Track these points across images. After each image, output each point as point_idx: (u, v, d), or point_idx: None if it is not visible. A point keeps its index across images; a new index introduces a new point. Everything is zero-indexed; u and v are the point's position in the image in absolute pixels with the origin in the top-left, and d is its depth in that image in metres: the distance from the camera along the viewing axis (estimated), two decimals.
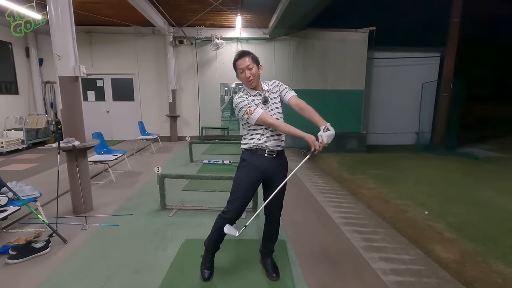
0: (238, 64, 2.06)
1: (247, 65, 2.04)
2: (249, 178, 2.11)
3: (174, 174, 3.58)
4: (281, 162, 2.20)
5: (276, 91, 2.17)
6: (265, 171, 2.12)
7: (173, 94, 9.01)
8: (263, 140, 2.09)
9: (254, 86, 2.09)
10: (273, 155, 2.12)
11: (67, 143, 3.16)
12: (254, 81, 2.07)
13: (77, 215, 3.40)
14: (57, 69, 3.20)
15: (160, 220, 3.38)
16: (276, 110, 2.14)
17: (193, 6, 6.87)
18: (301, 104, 2.10)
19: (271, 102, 2.13)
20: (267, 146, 2.09)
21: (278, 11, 7.00)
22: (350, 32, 9.24)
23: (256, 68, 2.07)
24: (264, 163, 2.11)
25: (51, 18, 3.13)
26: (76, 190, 3.34)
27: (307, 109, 2.09)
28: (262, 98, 2.10)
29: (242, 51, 2.12)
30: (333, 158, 8.78)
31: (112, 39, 8.80)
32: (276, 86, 2.19)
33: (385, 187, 5.88)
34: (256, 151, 2.12)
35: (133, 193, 4.34)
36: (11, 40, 7.96)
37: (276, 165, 2.15)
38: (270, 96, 2.14)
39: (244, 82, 2.10)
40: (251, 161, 2.13)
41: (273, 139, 2.11)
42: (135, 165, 5.99)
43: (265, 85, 2.18)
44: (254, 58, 2.08)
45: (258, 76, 2.09)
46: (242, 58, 2.06)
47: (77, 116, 3.38)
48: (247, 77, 2.04)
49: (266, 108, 2.10)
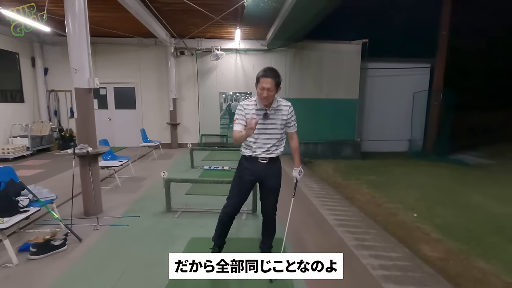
0: (262, 81, 2.25)
1: (268, 87, 2.23)
2: (244, 179, 2.45)
3: (179, 179, 3.84)
4: (273, 167, 2.46)
5: (285, 114, 2.38)
6: (258, 174, 2.44)
7: (174, 103, 9.30)
8: (254, 150, 2.40)
9: (265, 104, 2.31)
10: (265, 161, 2.42)
11: (81, 149, 3.42)
12: (267, 101, 2.28)
13: (89, 217, 3.64)
14: (73, 81, 3.48)
15: (166, 221, 3.62)
16: (271, 131, 2.36)
17: (194, 20, 7.22)
18: (293, 141, 2.55)
19: (271, 121, 2.35)
20: (258, 156, 2.41)
21: (275, 25, 7.37)
22: (344, 44, 9.65)
23: (275, 91, 2.28)
24: (257, 167, 2.42)
25: (68, 34, 3.43)
26: (88, 193, 3.58)
27: (294, 146, 2.55)
28: (264, 113, 2.34)
29: (271, 69, 2.30)
30: (329, 165, 9.08)
31: (115, 49, 9.12)
32: (289, 113, 2.41)
33: (378, 192, 6.17)
34: (252, 158, 2.44)
35: (139, 196, 4.58)
36: (18, 50, 8.24)
37: (268, 169, 2.43)
38: (275, 114, 2.36)
39: (259, 96, 2.30)
40: (246, 165, 2.46)
41: (262, 151, 2.39)
42: (138, 171, 6.23)
43: (278, 101, 2.38)
44: (278, 83, 2.27)
45: (273, 97, 2.30)
46: (267, 78, 2.23)
47: (90, 124, 3.65)
48: (264, 96, 2.24)
49: (261, 123, 2.31)
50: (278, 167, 2.52)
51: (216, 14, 6.41)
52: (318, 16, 6.69)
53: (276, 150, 2.44)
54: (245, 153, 2.46)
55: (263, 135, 2.38)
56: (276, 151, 2.44)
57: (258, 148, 2.40)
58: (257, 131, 2.33)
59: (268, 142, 2.39)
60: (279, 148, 2.45)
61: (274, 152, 2.43)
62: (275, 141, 2.40)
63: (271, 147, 2.40)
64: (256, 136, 2.38)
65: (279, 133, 2.41)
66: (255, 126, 2.10)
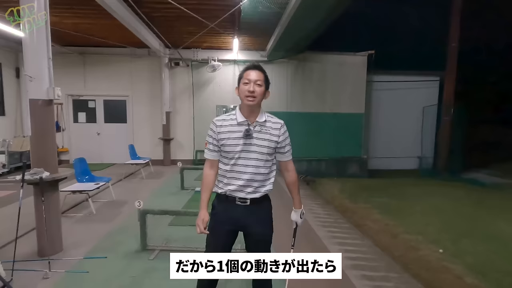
0: (247, 74, 1.67)
1: (255, 79, 1.65)
2: (217, 231, 1.74)
3: (157, 210, 3.16)
4: (259, 211, 1.76)
5: (276, 135, 1.74)
6: (237, 223, 1.74)
7: (167, 116, 8.70)
8: (228, 183, 1.72)
9: (251, 106, 1.67)
10: (246, 203, 1.72)
11: (33, 175, 2.75)
12: (255, 101, 1.66)
13: (42, 258, 2.92)
14: (28, 91, 2.86)
15: (138, 265, 2.90)
16: (255, 155, 1.69)
17: (188, 28, 6.72)
18: (289, 173, 1.87)
19: (255, 140, 1.69)
20: (233, 195, 1.71)
21: (276, 34, 6.85)
22: (349, 56, 9.15)
23: (263, 88, 1.69)
24: (233, 212, 1.73)
25: (24, 35, 2.82)
26: (42, 229, 2.88)
27: (291, 181, 1.87)
28: (246, 130, 1.67)
29: (257, 63, 1.75)
30: (334, 184, 8.37)
31: (106, 60, 8.61)
32: (282, 134, 1.76)
33: (391, 219, 5.43)
34: (226, 197, 1.73)
35: (113, 228, 3.87)
36: (0, 60, 7.72)
37: (250, 215, 1.73)
38: (261, 132, 1.71)
39: (242, 96, 1.67)
40: (219, 210, 1.76)
41: (239, 185, 1.69)
42: (121, 193, 5.54)
43: (267, 116, 1.75)
44: (266, 77, 1.72)
45: (261, 98, 1.70)
46: (255, 70, 1.68)
47: (49, 143, 3.00)
48: (250, 90, 1.64)
49: (244, 144, 1.68)
50: (265, 212, 1.81)
51: (211, 21, 5.89)
52: (322, 24, 6.16)
53: (261, 187, 1.74)
54: (217, 187, 1.78)
55: (242, 160, 1.69)
56: (261, 188, 1.74)
57: (234, 180, 1.70)
58: (234, 153, 1.69)
59: (248, 171, 1.69)
60: (266, 184, 1.76)
61: (259, 189, 1.73)
62: (259, 172, 1.71)
63: (253, 181, 1.70)
64: (232, 161, 1.70)
65: (266, 159, 1.72)
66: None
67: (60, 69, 8.31)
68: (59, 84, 8.39)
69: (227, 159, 1.72)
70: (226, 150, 1.70)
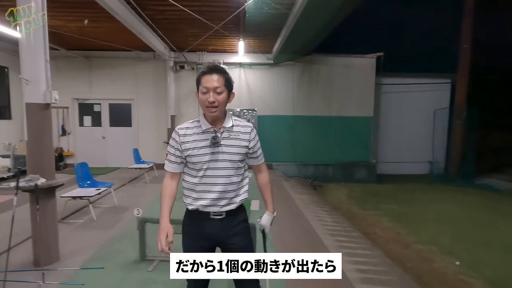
0: (204, 80, 1.49)
1: (214, 87, 1.48)
2: (195, 250, 1.57)
3: (157, 219, 3.00)
4: (236, 223, 1.60)
5: (246, 139, 1.59)
6: (214, 238, 1.59)
7: (172, 120, 8.62)
8: (199, 198, 1.56)
9: (214, 116, 1.53)
10: (221, 216, 1.57)
11: (28, 182, 2.65)
12: (218, 111, 1.50)
13: (36, 269, 2.81)
14: (24, 95, 2.77)
15: (135, 277, 2.77)
16: (225, 164, 1.54)
17: (193, 31, 6.63)
18: (262, 174, 1.74)
19: (224, 148, 1.54)
20: (206, 210, 1.56)
21: (282, 36, 6.72)
22: (357, 58, 8.95)
23: (225, 94, 1.52)
24: (210, 229, 1.57)
25: (21, 36, 2.74)
26: (37, 237, 2.77)
27: (263, 181, 1.74)
28: (213, 137, 1.53)
29: (214, 65, 1.52)
30: (341, 190, 8.14)
31: (111, 63, 8.59)
32: (252, 138, 1.62)
33: (402, 227, 5.20)
34: (199, 213, 1.57)
35: (113, 235, 3.75)
36: (7, 64, 7.77)
37: (227, 229, 1.58)
38: (229, 138, 1.56)
39: (202, 106, 1.52)
40: (193, 228, 1.60)
41: (212, 198, 1.54)
42: (123, 198, 5.43)
43: (234, 120, 1.61)
44: (227, 80, 1.52)
45: (225, 105, 1.53)
46: (211, 74, 1.49)
47: (46, 149, 2.89)
48: (210, 101, 1.47)
49: (212, 153, 1.53)
50: (243, 223, 1.65)
51: (215, 23, 5.79)
52: (329, 25, 6.00)
53: (236, 197, 1.59)
54: (186, 203, 1.61)
55: (212, 171, 1.54)
56: (236, 198, 1.59)
57: (205, 193, 1.55)
58: (202, 164, 1.53)
59: (219, 182, 1.54)
60: (240, 193, 1.61)
61: (234, 200, 1.58)
62: (232, 182, 1.56)
63: (226, 192, 1.55)
64: (200, 172, 1.54)
65: (238, 167, 1.58)
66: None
67: (66, 73, 8.37)
68: (65, 88, 8.39)
69: (195, 171, 1.56)
70: (193, 161, 1.54)
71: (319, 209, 5.86)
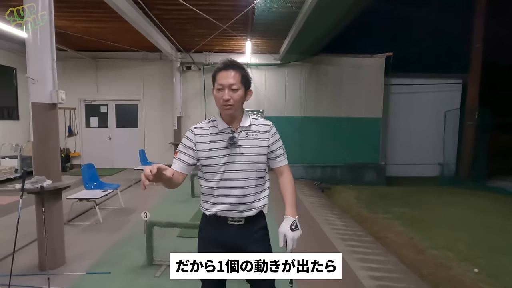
0: (219, 77, 1.38)
1: (230, 84, 1.37)
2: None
3: (165, 222, 2.93)
4: (255, 230, 1.49)
5: (265, 138, 1.48)
6: (231, 245, 1.46)
7: (178, 121, 8.56)
8: (216, 202, 1.44)
9: (230, 115, 1.43)
10: (240, 222, 1.46)
11: (34, 184, 2.58)
12: (233, 109, 1.40)
13: (42, 273, 2.74)
14: (30, 94, 2.71)
15: (143, 282, 2.68)
16: (243, 166, 1.43)
17: (200, 31, 6.57)
18: (284, 176, 1.57)
19: (242, 149, 1.43)
20: (224, 215, 1.45)
21: (290, 36, 6.62)
22: (365, 58, 8.81)
23: (242, 91, 1.40)
24: (228, 234, 1.46)
25: (27, 36, 2.68)
26: (42, 241, 2.70)
27: (285, 183, 1.55)
28: (229, 138, 1.42)
29: (231, 61, 1.41)
30: (350, 192, 7.98)
31: (118, 64, 8.58)
32: (271, 136, 1.50)
33: (415, 231, 5.04)
34: (217, 218, 1.46)
35: (119, 238, 3.68)
36: (15, 65, 7.79)
37: (246, 236, 1.47)
38: (247, 138, 1.45)
39: (218, 104, 1.41)
40: (208, 233, 1.50)
41: (230, 203, 1.42)
42: (130, 200, 5.37)
43: (252, 119, 1.50)
44: (244, 76, 1.41)
45: (241, 103, 1.43)
46: (227, 70, 1.38)
47: (52, 150, 2.82)
48: (225, 99, 1.37)
49: (229, 155, 1.42)
50: (262, 230, 1.53)
51: (223, 23, 5.71)
52: (339, 24, 5.89)
53: (255, 202, 1.47)
54: (204, 209, 1.50)
55: (229, 174, 1.43)
56: (256, 203, 1.47)
57: (223, 197, 1.44)
58: (219, 166, 1.42)
59: (238, 186, 1.43)
60: (260, 198, 1.49)
61: (253, 205, 1.46)
62: (251, 185, 1.45)
63: (245, 196, 1.44)
64: (217, 175, 1.43)
65: (258, 169, 1.46)
66: (152, 177, 1.18)
67: (73, 74, 8.37)
68: (72, 88, 8.36)
69: (211, 174, 1.44)
70: (209, 163, 1.43)
71: (329, 212, 5.73)
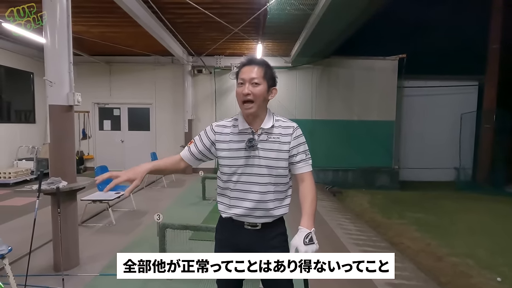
0: (242, 72, 1.34)
1: (251, 77, 1.30)
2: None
3: (178, 224, 2.90)
4: (274, 237, 1.41)
5: (287, 142, 1.38)
6: (247, 250, 1.36)
7: (189, 124, 8.62)
8: (233, 205, 1.38)
9: (251, 114, 1.35)
10: (257, 227, 1.38)
11: (50, 184, 2.61)
12: (254, 107, 1.32)
13: (56, 274, 2.75)
14: (48, 97, 2.75)
15: (154, 285, 2.66)
16: (263, 169, 1.35)
17: (212, 34, 6.61)
18: (305, 183, 1.42)
19: (261, 152, 1.35)
20: (239, 219, 1.38)
21: (301, 38, 6.59)
22: (378, 60, 8.69)
23: (264, 87, 1.32)
24: (243, 239, 1.39)
25: (46, 39, 2.73)
26: (58, 241, 2.72)
27: (305, 192, 1.40)
28: (248, 140, 1.34)
29: (255, 58, 1.37)
30: (362, 196, 7.83)
31: (131, 68, 8.72)
32: (294, 139, 1.39)
33: (432, 238, 4.88)
34: (232, 221, 1.40)
35: (132, 240, 3.69)
36: (33, 70, 8.01)
37: (264, 242, 1.38)
38: (268, 141, 1.36)
39: (239, 101, 1.35)
40: (224, 235, 1.45)
41: (247, 207, 1.35)
42: (142, 202, 5.40)
43: (275, 120, 1.40)
44: (267, 73, 1.34)
45: (262, 100, 1.34)
46: (250, 65, 1.33)
47: (68, 151, 2.86)
48: (244, 93, 1.30)
49: (247, 157, 1.35)
50: (280, 236, 1.44)
51: (235, 26, 5.73)
52: (351, 26, 5.83)
53: (274, 209, 1.37)
54: (220, 211, 1.44)
55: (247, 177, 1.36)
56: (274, 210, 1.38)
57: (239, 201, 1.37)
58: (236, 168, 1.36)
59: (255, 190, 1.35)
60: (280, 206, 1.39)
61: (272, 212, 1.37)
62: (269, 191, 1.36)
63: (262, 202, 1.35)
64: (234, 177, 1.37)
65: (277, 175, 1.36)
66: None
67: (87, 78, 8.54)
68: (86, 92, 8.52)
69: (227, 175, 1.39)
70: (226, 163, 1.38)
71: (342, 217, 5.62)
